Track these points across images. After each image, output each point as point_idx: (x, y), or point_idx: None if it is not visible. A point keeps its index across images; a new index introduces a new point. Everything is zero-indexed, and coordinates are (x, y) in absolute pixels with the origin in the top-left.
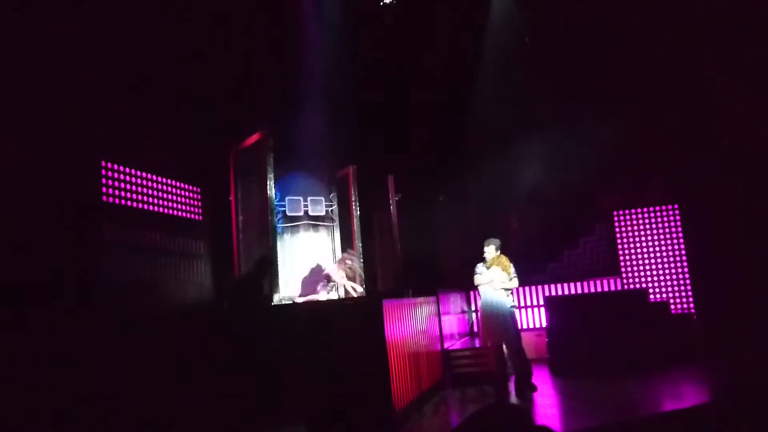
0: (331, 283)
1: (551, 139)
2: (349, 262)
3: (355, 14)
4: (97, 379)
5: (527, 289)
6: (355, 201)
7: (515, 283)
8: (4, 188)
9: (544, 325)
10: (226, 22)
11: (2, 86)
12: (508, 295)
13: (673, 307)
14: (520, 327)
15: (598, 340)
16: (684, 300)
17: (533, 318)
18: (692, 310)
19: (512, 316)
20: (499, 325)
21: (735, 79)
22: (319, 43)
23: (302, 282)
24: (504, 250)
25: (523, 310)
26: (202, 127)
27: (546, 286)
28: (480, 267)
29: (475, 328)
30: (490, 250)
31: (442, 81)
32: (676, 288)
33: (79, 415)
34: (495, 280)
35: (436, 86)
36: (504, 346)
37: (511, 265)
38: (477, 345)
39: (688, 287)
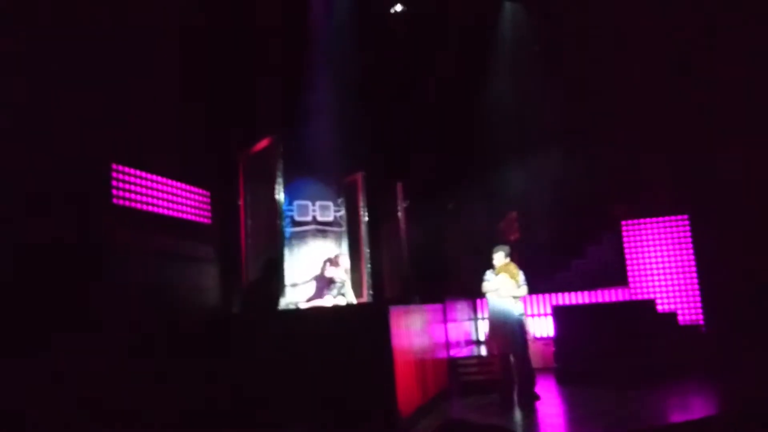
0: (338, 284)
1: (560, 147)
2: (342, 261)
3: (366, 21)
4: (101, 383)
5: (534, 297)
6: (363, 207)
7: (524, 291)
8: (13, 190)
9: (551, 334)
10: (237, 27)
11: (10, 90)
12: (516, 303)
13: (681, 318)
14: (529, 335)
15: (605, 350)
16: (692, 311)
17: (540, 327)
18: (701, 322)
19: (520, 324)
20: (506, 333)
21: (746, 87)
22: (329, 48)
23: (316, 286)
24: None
25: (529, 319)
26: (212, 130)
27: (553, 295)
28: (488, 274)
29: (482, 336)
30: (499, 257)
31: (452, 88)
32: (684, 299)
33: (85, 418)
34: (501, 288)
35: (445, 93)
36: (511, 355)
37: (520, 272)
38: (483, 353)
39: (697, 298)
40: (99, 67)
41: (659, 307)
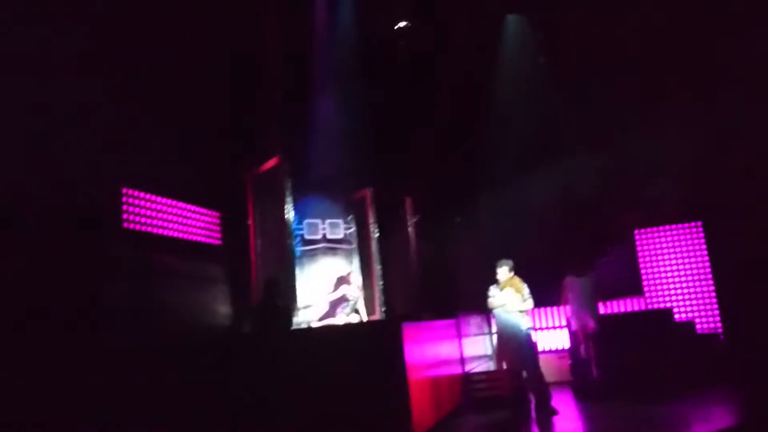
0: (351, 302)
1: (570, 158)
2: (353, 279)
3: (371, 38)
4: (110, 404)
5: (548, 310)
6: (372, 223)
7: (530, 304)
8: (26, 213)
9: (566, 346)
10: (245, 47)
11: (22, 115)
12: (523, 317)
13: (699, 326)
14: (538, 349)
15: (622, 361)
16: (710, 319)
17: (554, 340)
18: (719, 330)
19: (528, 338)
20: (515, 348)
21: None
22: (335, 67)
23: (329, 304)
24: (519, 270)
25: (545, 332)
26: (219, 151)
27: (566, 307)
28: (493, 289)
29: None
30: (503, 272)
31: (458, 101)
32: (701, 307)
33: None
34: (508, 303)
35: (452, 107)
36: (523, 371)
37: (525, 285)
38: (496, 368)
39: (714, 306)
40: (111, 91)
41: (676, 316)
